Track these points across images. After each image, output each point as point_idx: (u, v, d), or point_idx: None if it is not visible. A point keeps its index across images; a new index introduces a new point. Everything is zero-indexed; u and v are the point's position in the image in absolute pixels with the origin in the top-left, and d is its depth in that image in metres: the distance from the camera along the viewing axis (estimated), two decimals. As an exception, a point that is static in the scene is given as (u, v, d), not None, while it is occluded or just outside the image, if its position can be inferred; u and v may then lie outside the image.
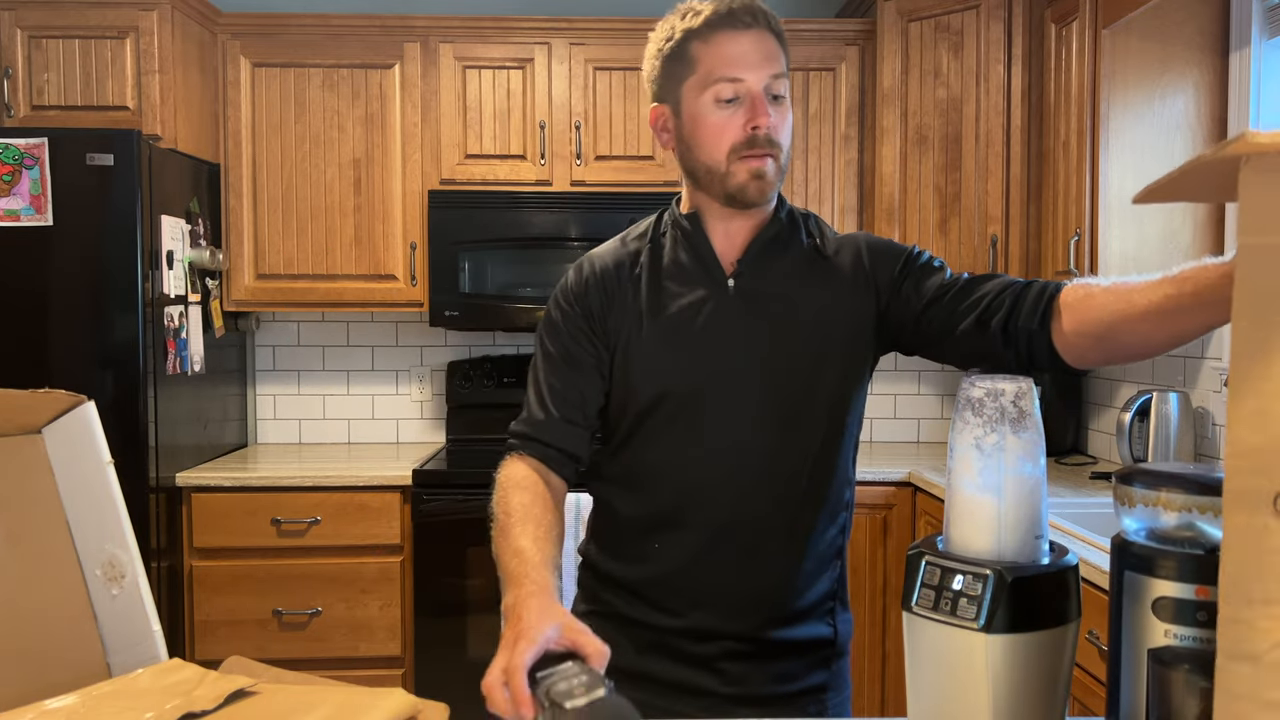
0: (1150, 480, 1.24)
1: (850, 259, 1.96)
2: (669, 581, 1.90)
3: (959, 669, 1.22)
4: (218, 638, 4.16)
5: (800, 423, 1.90)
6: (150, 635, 1.47)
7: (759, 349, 1.88)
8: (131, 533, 1.50)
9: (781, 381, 1.88)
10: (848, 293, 1.93)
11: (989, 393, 1.26)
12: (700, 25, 1.84)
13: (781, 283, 1.93)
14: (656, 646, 1.91)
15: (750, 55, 1.82)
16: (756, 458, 1.88)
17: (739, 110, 1.82)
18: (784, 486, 1.90)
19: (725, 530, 1.88)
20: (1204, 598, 1.17)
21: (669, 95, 1.91)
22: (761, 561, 1.90)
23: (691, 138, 1.88)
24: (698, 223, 1.95)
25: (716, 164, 1.85)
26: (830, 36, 4.60)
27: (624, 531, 1.96)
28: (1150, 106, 3.65)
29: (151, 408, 3.96)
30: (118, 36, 4.13)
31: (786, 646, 1.92)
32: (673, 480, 1.89)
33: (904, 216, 4.46)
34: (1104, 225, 3.66)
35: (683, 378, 1.88)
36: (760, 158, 1.83)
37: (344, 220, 4.56)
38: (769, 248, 1.94)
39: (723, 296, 1.92)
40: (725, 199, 1.89)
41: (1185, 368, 3.85)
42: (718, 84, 1.82)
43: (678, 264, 1.95)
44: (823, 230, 2.01)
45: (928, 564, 1.27)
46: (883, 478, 4.20)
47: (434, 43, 4.53)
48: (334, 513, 4.17)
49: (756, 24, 1.83)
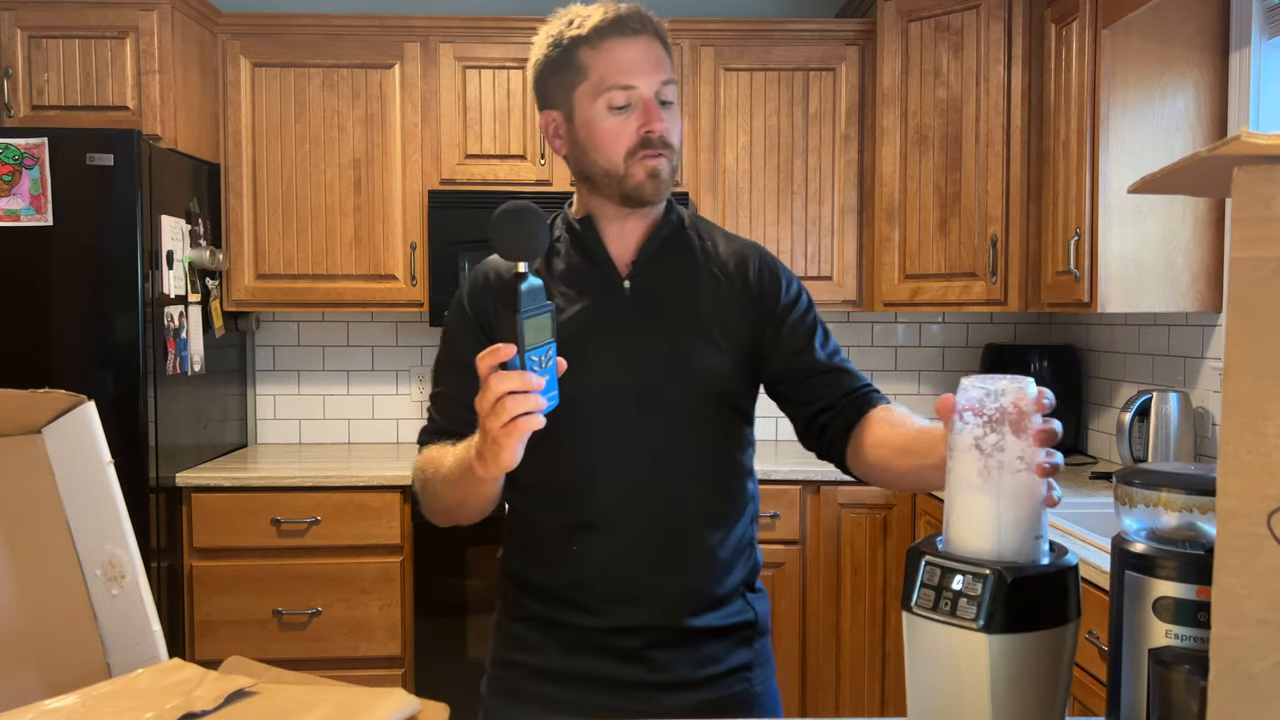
0: (1151, 480, 1.24)
1: (739, 270, 2.01)
2: (588, 584, 1.92)
3: (959, 669, 1.22)
4: (218, 638, 4.16)
5: (705, 420, 1.94)
6: (150, 635, 1.48)
7: (658, 348, 1.91)
8: (131, 533, 1.50)
9: (683, 379, 1.92)
10: (736, 301, 1.98)
11: (989, 393, 1.26)
12: (589, 33, 1.87)
13: (676, 282, 1.97)
14: (582, 645, 1.93)
15: (641, 63, 1.86)
16: (664, 457, 1.91)
17: (632, 116, 1.87)
18: (693, 485, 1.94)
19: (639, 531, 1.91)
20: (1204, 598, 1.17)
21: (560, 102, 1.93)
22: (677, 558, 1.93)
23: (587, 143, 1.90)
24: (591, 225, 1.98)
25: (614, 167, 1.88)
26: (830, 36, 4.60)
27: (539, 538, 1.97)
28: (1150, 106, 3.66)
29: (151, 408, 3.97)
30: (118, 36, 4.13)
31: (708, 632, 1.96)
32: (582, 485, 1.91)
33: (904, 216, 4.46)
34: (1104, 225, 3.66)
35: (583, 384, 1.86)
36: (655, 157, 1.87)
37: (344, 220, 4.56)
38: (663, 248, 1.98)
39: (619, 298, 1.95)
40: (622, 199, 1.92)
41: (1185, 368, 3.85)
42: (610, 91, 1.85)
43: (572, 268, 1.97)
44: (713, 233, 2.07)
45: (927, 564, 1.27)
46: (883, 478, 4.19)
47: (434, 43, 4.53)
48: (334, 513, 4.17)
49: (645, 30, 1.88)
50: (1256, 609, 0.93)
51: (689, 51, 4.56)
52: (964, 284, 4.34)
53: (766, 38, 4.58)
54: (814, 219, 4.63)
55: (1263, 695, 0.93)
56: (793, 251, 4.62)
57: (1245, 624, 0.94)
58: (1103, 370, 4.55)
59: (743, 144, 4.60)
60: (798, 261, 4.62)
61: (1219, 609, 0.95)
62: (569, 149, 1.95)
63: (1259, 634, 0.93)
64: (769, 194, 4.62)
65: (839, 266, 4.64)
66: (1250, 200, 0.93)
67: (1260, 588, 0.93)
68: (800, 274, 4.60)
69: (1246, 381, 0.93)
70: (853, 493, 4.18)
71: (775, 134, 4.61)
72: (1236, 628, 0.94)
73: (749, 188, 4.61)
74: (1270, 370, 0.92)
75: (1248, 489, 0.93)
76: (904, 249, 4.48)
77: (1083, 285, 3.73)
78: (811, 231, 4.63)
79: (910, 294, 4.46)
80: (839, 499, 4.19)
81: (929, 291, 4.41)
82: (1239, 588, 0.94)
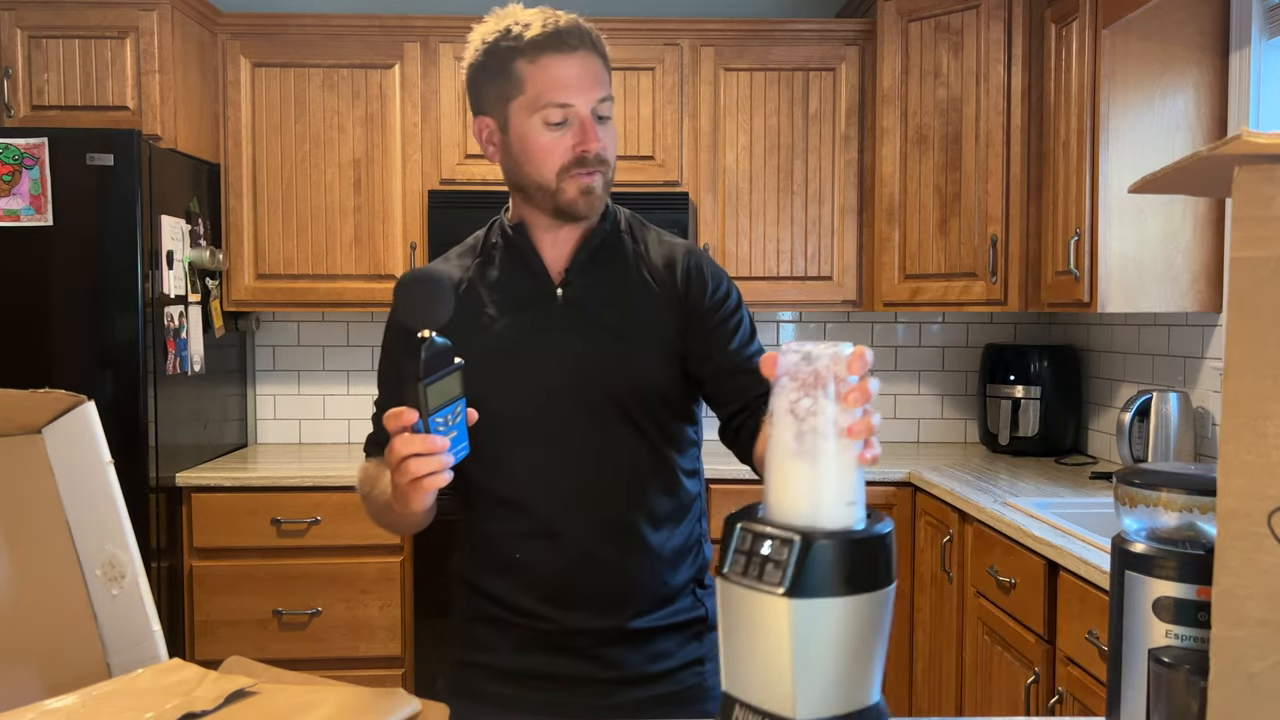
0: (1151, 480, 1.24)
1: (669, 272, 2.00)
2: (536, 589, 1.94)
3: (765, 634, 1.21)
4: (218, 638, 4.16)
5: (642, 424, 1.95)
6: (150, 635, 1.48)
7: (592, 356, 1.92)
8: (131, 533, 1.50)
9: (620, 387, 1.92)
10: (666, 303, 1.98)
11: (804, 357, 1.24)
12: (525, 46, 1.84)
13: (609, 289, 1.97)
14: (534, 644, 1.95)
15: (579, 80, 1.84)
16: (603, 462, 1.93)
17: (567, 133, 1.85)
18: (632, 488, 1.95)
19: (581, 536, 1.92)
20: (1204, 598, 1.16)
21: (494, 110, 1.91)
22: (620, 562, 1.94)
23: (520, 155, 1.90)
24: (524, 233, 1.98)
25: (546, 182, 1.88)
26: (830, 36, 4.60)
27: (486, 545, 1.99)
28: (1150, 106, 3.66)
29: (151, 408, 3.97)
30: (118, 36, 4.13)
31: (658, 630, 1.98)
32: (522, 493, 1.92)
33: (904, 216, 4.46)
34: (1104, 225, 3.66)
35: (518, 394, 1.90)
36: (589, 174, 1.87)
37: (344, 220, 4.56)
38: (596, 255, 1.98)
39: (552, 306, 1.95)
40: (554, 212, 1.92)
41: (1185, 368, 3.85)
42: (546, 108, 1.84)
43: (505, 276, 1.99)
44: (647, 236, 2.06)
45: (741, 529, 1.26)
46: (882, 478, 4.20)
47: (434, 42, 4.53)
48: (334, 513, 4.17)
49: (583, 46, 1.86)
50: (1257, 609, 0.93)
51: (689, 51, 4.56)
52: (964, 284, 4.34)
53: (766, 38, 4.58)
54: (814, 219, 4.63)
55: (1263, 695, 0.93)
56: (793, 251, 4.63)
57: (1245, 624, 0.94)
58: (1103, 370, 4.55)
59: (743, 144, 4.60)
60: (797, 261, 4.62)
61: (1219, 609, 0.95)
62: (502, 158, 1.95)
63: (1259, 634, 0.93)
64: (769, 194, 4.62)
65: (839, 266, 4.64)
66: (1250, 200, 0.93)
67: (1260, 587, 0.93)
68: (800, 274, 4.60)
69: (1246, 381, 0.93)
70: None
71: (775, 134, 4.61)
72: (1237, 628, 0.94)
73: (749, 188, 4.61)
74: (1270, 370, 0.92)
75: (1248, 489, 0.93)
76: (904, 249, 4.48)
77: (1083, 285, 3.73)
78: (811, 231, 4.63)
79: (910, 294, 4.46)
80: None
81: (929, 291, 4.42)
82: (1239, 588, 0.94)
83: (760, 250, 4.62)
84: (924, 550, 4.09)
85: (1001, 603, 3.31)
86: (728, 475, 4.01)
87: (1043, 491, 3.72)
